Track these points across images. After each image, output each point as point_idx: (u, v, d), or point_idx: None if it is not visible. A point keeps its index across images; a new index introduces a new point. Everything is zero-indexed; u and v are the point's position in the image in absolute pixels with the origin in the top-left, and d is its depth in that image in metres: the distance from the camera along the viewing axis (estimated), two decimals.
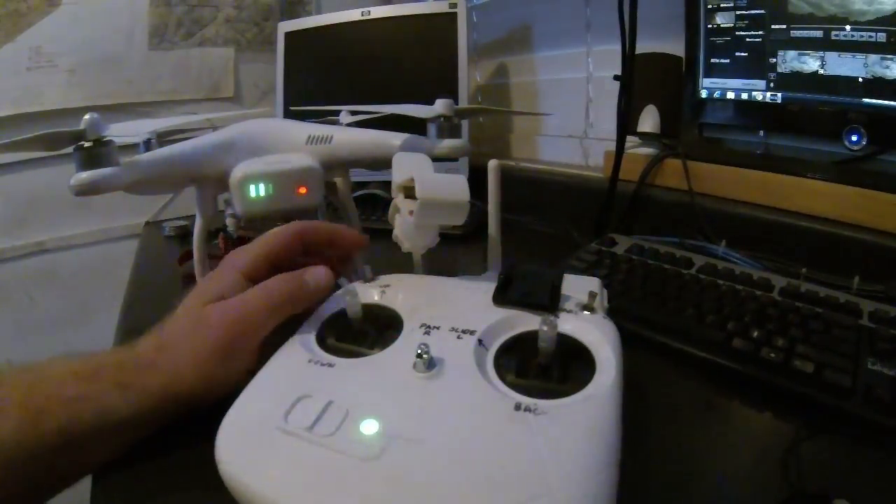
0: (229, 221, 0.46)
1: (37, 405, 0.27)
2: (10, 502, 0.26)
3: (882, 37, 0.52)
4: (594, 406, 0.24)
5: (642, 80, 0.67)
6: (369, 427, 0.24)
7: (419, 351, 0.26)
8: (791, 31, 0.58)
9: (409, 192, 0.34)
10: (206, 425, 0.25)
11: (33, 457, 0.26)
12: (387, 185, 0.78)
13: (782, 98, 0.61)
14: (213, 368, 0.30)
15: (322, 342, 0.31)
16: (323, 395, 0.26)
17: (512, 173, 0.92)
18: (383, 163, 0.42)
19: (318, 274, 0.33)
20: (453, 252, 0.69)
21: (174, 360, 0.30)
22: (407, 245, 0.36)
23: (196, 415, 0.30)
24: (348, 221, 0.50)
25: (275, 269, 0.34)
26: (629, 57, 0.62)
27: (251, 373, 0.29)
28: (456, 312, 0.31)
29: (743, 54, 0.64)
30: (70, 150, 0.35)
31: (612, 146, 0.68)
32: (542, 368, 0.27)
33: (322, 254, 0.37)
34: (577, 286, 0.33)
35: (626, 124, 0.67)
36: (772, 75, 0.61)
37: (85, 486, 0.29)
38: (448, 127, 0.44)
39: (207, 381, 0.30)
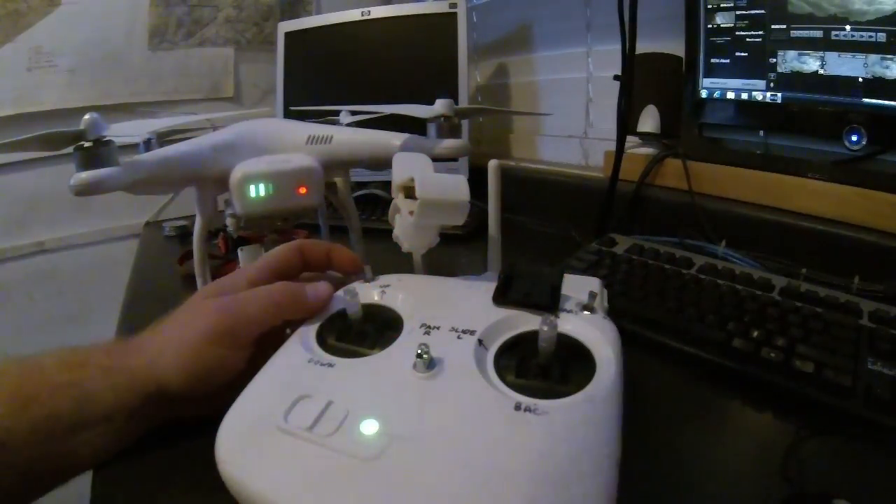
0: (229, 221, 0.46)
1: (26, 394, 0.27)
2: (4, 494, 0.26)
3: (882, 37, 0.52)
4: (594, 406, 0.24)
5: (642, 80, 0.67)
6: (369, 427, 0.24)
7: (419, 351, 0.26)
8: (791, 31, 0.58)
9: (409, 192, 0.34)
10: (207, 425, 0.25)
11: (25, 446, 0.26)
12: (387, 185, 0.78)
13: (782, 98, 0.61)
14: (197, 354, 0.29)
15: (322, 342, 0.31)
16: (323, 395, 0.26)
17: (512, 173, 0.92)
18: (383, 163, 0.42)
19: (318, 287, 0.34)
20: (453, 252, 0.69)
21: (161, 342, 0.31)
22: (407, 245, 0.35)
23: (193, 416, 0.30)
24: (348, 221, 0.50)
25: (279, 280, 0.35)
26: (629, 57, 0.62)
27: (240, 376, 0.29)
28: (456, 312, 0.31)
29: (743, 54, 0.63)
30: (70, 150, 0.35)
31: (612, 146, 0.68)
32: (542, 368, 0.27)
33: (321, 270, 0.38)
34: (577, 286, 0.33)
35: (626, 124, 0.67)
36: (772, 75, 0.61)
37: (85, 485, 0.30)
38: (448, 127, 0.43)
39: (190, 367, 0.29)
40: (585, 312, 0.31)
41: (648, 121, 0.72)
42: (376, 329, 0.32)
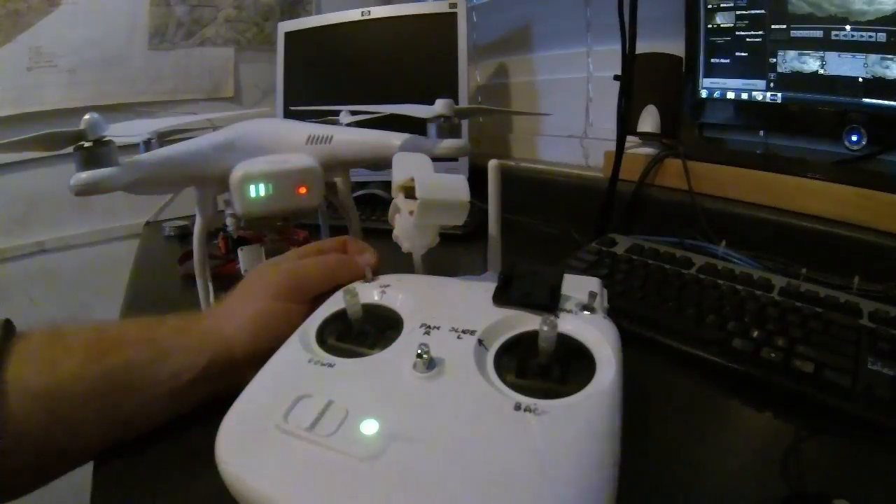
0: (229, 221, 0.46)
1: (101, 346, 0.30)
2: (69, 447, 0.28)
3: (882, 37, 0.52)
4: (594, 406, 0.24)
5: (642, 80, 0.66)
6: (369, 427, 0.24)
7: (419, 351, 0.26)
8: (791, 31, 0.58)
9: (409, 192, 0.34)
10: (207, 425, 0.25)
11: (91, 396, 0.28)
12: (387, 185, 0.78)
13: (782, 98, 0.61)
14: (265, 308, 0.33)
15: (322, 342, 0.31)
16: (323, 394, 0.26)
17: (512, 173, 0.92)
18: (383, 163, 0.42)
19: (366, 256, 0.38)
20: (453, 252, 0.69)
21: (230, 306, 0.35)
22: (407, 245, 0.35)
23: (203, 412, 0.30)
24: (348, 221, 0.50)
25: None
26: (629, 57, 0.62)
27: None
28: (456, 312, 0.31)
29: (743, 54, 0.64)
30: (70, 150, 0.35)
31: (612, 146, 0.68)
32: (542, 368, 0.27)
33: None
34: (577, 286, 0.33)
35: (626, 124, 0.67)
36: (772, 75, 0.61)
37: (85, 484, 0.30)
38: (448, 127, 0.43)
39: (258, 319, 0.33)
40: (585, 312, 0.31)
41: (648, 121, 0.71)
42: (376, 329, 0.32)
